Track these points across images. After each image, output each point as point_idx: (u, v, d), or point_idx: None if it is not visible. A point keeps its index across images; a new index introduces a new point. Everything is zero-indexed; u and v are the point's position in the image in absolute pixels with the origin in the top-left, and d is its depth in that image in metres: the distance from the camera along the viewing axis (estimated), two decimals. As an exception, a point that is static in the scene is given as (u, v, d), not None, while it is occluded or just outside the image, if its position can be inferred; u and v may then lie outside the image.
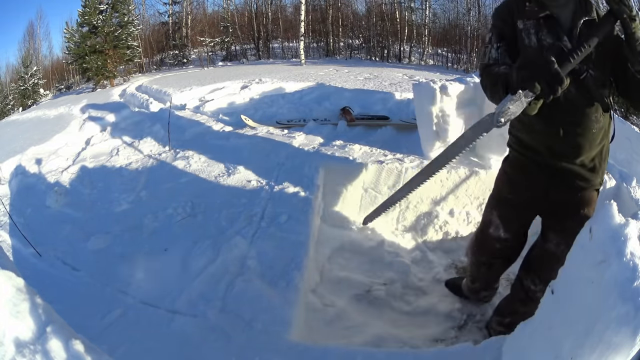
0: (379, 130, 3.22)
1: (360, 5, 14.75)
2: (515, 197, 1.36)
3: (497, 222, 1.43)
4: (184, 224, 2.16)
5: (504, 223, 1.42)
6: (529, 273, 1.42)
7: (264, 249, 1.85)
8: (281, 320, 1.42)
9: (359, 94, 4.42)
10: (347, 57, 13.84)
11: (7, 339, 0.64)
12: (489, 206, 1.49)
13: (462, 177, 2.41)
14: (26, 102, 14.36)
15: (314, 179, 2.37)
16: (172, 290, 1.64)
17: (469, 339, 1.64)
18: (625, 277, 0.58)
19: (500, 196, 1.41)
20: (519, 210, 1.38)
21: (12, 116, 8.46)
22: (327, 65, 10.06)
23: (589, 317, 0.63)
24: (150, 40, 14.94)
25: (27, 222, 2.45)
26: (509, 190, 1.37)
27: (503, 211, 1.42)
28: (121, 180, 2.86)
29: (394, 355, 1.31)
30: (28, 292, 0.71)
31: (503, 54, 1.17)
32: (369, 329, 1.69)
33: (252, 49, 15.07)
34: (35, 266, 1.98)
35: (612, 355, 0.60)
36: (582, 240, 0.70)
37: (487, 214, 1.48)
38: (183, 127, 3.71)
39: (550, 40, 1.09)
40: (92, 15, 10.68)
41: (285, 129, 3.48)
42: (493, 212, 1.44)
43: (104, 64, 10.83)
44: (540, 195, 1.27)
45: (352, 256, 2.20)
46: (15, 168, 3.26)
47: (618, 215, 0.63)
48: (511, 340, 0.99)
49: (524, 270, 1.46)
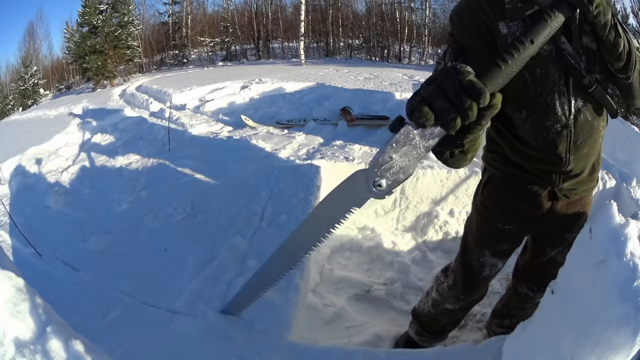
0: (379, 130, 3.22)
1: (360, 5, 14.75)
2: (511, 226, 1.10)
3: (493, 262, 1.18)
4: (184, 223, 2.16)
5: (500, 257, 1.18)
6: (524, 281, 1.29)
7: (264, 248, 1.85)
8: (281, 320, 1.42)
9: (359, 94, 4.42)
10: (347, 57, 13.84)
11: (7, 339, 0.64)
12: (475, 247, 1.18)
13: (462, 177, 2.41)
14: (26, 102, 14.36)
15: (314, 179, 2.37)
16: (171, 290, 1.64)
17: (469, 339, 1.64)
18: (625, 277, 0.58)
19: (492, 230, 1.12)
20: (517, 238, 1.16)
21: (12, 116, 8.47)
22: (327, 65, 10.06)
23: (589, 317, 0.63)
24: (150, 40, 14.94)
25: (27, 222, 2.45)
26: (503, 220, 1.10)
27: (498, 246, 1.15)
28: (121, 180, 2.86)
29: (394, 355, 1.31)
30: (28, 292, 0.71)
31: None
32: (368, 329, 1.68)
33: (252, 49, 15.07)
34: (35, 266, 1.98)
35: (612, 355, 0.60)
36: (582, 240, 0.70)
37: (476, 256, 1.18)
38: (183, 127, 3.71)
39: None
40: (92, 15, 10.68)
41: (285, 129, 3.49)
42: (484, 253, 1.16)
43: (104, 64, 10.83)
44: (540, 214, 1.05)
45: (352, 256, 2.20)
46: (15, 168, 3.26)
47: (618, 215, 0.63)
48: (511, 340, 0.99)
49: (517, 278, 1.32)
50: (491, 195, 1.10)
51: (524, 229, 1.12)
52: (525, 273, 1.28)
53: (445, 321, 1.43)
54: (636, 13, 10.65)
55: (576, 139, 0.90)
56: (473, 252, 1.19)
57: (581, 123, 0.89)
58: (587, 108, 0.88)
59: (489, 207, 1.11)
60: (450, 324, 1.47)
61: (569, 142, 0.91)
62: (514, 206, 1.06)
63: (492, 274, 1.22)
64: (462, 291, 1.28)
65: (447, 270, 1.36)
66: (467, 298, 1.31)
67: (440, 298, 1.35)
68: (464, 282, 1.26)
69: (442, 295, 1.34)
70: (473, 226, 1.19)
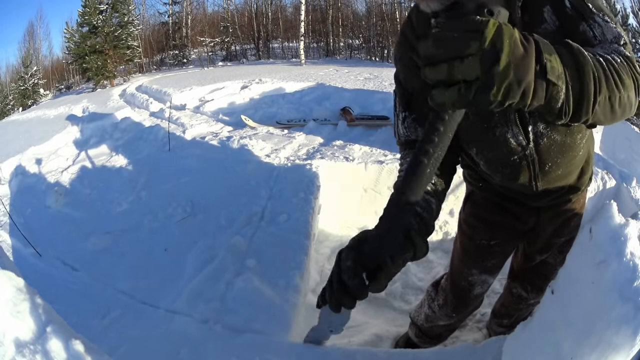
0: (379, 130, 3.22)
1: (360, 5, 14.80)
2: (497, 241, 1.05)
3: (482, 279, 1.14)
4: (183, 223, 2.16)
5: (490, 273, 1.14)
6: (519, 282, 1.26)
7: (264, 248, 1.85)
8: (281, 320, 1.42)
9: (359, 94, 4.42)
10: (347, 57, 13.85)
11: (7, 339, 0.64)
12: (463, 267, 1.14)
13: (462, 177, 2.41)
14: (26, 102, 14.38)
15: (314, 179, 2.37)
16: (171, 290, 1.64)
17: (469, 339, 1.64)
18: (625, 277, 0.58)
19: (477, 248, 1.08)
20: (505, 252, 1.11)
21: (12, 116, 8.48)
22: (327, 66, 10.06)
23: (589, 317, 0.63)
24: (150, 40, 14.96)
25: (27, 222, 2.45)
26: (488, 236, 1.05)
27: (486, 263, 1.11)
28: (121, 180, 2.86)
29: (394, 354, 1.30)
30: (28, 292, 0.71)
31: (411, 127, 0.80)
32: (368, 329, 1.68)
33: (252, 49, 15.08)
34: (35, 266, 1.98)
35: (612, 355, 0.60)
36: (582, 240, 0.70)
37: (465, 275, 1.14)
38: (183, 127, 3.71)
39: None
40: (92, 15, 10.69)
41: (285, 129, 3.49)
42: (472, 272, 1.13)
43: (104, 64, 10.85)
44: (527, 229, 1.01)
45: (352, 256, 2.20)
46: (15, 168, 3.26)
47: (618, 215, 0.63)
48: (511, 340, 0.99)
49: (512, 279, 1.29)
50: (473, 212, 1.07)
51: (510, 242, 1.08)
52: (518, 274, 1.26)
53: (441, 330, 1.43)
54: (636, 13, 10.65)
55: (542, 165, 0.82)
56: (461, 272, 1.15)
57: (546, 147, 0.78)
58: (553, 129, 0.76)
59: (472, 224, 1.07)
60: (447, 332, 1.48)
61: (532, 171, 0.83)
62: (497, 220, 1.01)
63: (484, 291, 1.19)
64: (454, 310, 1.26)
65: (437, 285, 1.34)
66: (459, 315, 1.30)
67: (433, 315, 1.34)
68: (455, 302, 1.24)
69: (434, 313, 1.33)
70: (458, 246, 1.15)
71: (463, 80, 0.40)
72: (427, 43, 0.41)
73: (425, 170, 0.54)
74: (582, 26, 0.63)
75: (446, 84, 0.41)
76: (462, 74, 0.40)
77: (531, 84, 0.42)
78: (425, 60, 0.42)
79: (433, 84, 0.42)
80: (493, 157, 0.82)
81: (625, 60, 0.55)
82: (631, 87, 0.54)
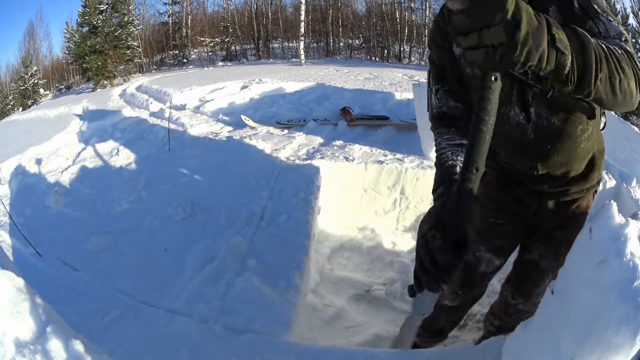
0: (379, 130, 3.23)
1: (360, 5, 14.77)
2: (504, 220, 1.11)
3: (488, 257, 1.18)
4: (184, 223, 2.16)
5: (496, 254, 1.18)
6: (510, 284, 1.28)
7: (264, 248, 1.85)
8: (281, 320, 1.42)
9: (359, 94, 4.43)
10: (347, 57, 13.85)
11: (7, 339, 0.64)
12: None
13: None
14: (26, 102, 14.37)
15: (314, 179, 2.37)
16: (171, 290, 1.64)
17: (469, 339, 1.64)
18: (625, 277, 0.58)
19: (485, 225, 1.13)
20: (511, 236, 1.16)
21: (12, 116, 8.48)
22: (327, 66, 10.06)
23: (589, 317, 0.63)
24: (150, 40, 14.95)
25: (27, 222, 2.45)
26: (495, 214, 1.11)
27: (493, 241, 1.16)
28: (121, 180, 2.86)
29: (394, 355, 1.30)
30: (28, 292, 0.71)
31: (443, 98, 0.90)
32: (368, 329, 1.68)
33: (252, 49, 15.08)
34: (35, 266, 1.98)
35: (612, 355, 0.60)
36: (582, 240, 0.70)
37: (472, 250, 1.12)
38: (183, 127, 3.71)
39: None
40: (92, 15, 10.69)
41: (285, 129, 3.49)
42: (479, 247, 1.18)
43: (104, 64, 10.85)
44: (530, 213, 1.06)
45: (351, 256, 2.20)
46: (15, 168, 3.26)
47: (618, 215, 0.63)
48: (511, 340, 0.99)
49: (506, 281, 1.30)
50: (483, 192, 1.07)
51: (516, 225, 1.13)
52: (511, 276, 1.27)
53: (445, 320, 1.44)
54: (636, 13, 10.65)
55: (541, 146, 0.89)
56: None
57: (544, 130, 0.86)
58: (553, 115, 0.84)
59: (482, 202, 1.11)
60: (450, 324, 1.48)
61: (533, 151, 0.91)
62: (505, 200, 1.08)
63: (489, 271, 1.22)
64: (460, 286, 1.29)
65: None
66: (464, 294, 1.32)
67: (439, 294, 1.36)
68: (461, 277, 1.27)
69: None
70: None
71: (491, 45, 0.49)
72: (461, 17, 0.50)
73: (486, 137, 0.60)
74: (588, 23, 0.70)
75: (477, 49, 0.50)
76: (490, 39, 0.48)
77: (545, 50, 0.51)
78: (459, 30, 0.50)
79: (466, 50, 0.51)
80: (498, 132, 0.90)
81: (626, 53, 0.61)
82: (631, 77, 0.61)
